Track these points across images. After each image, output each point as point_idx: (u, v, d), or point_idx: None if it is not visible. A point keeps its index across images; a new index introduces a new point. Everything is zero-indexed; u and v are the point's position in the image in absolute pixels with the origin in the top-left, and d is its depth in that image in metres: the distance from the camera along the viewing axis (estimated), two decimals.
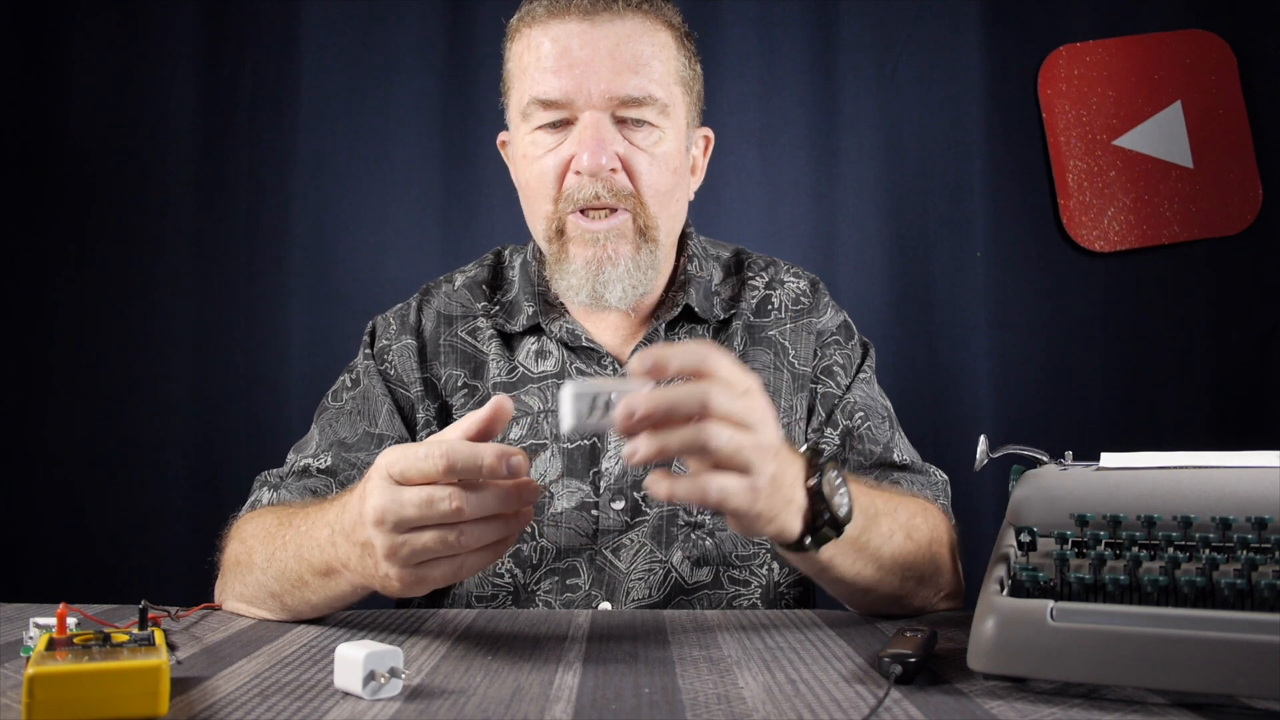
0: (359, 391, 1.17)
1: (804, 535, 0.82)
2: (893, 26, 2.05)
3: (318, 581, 0.88)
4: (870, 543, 0.89)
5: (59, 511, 1.97)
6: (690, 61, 1.13)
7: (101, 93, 2.00)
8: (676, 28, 1.11)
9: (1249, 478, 0.76)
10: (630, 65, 1.05)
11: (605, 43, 1.05)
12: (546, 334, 1.16)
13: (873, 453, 1.14)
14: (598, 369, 1.15)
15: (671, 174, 1.10)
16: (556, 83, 1.05)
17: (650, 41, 1.07)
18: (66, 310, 1.99)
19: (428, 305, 1.21)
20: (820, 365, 1.19)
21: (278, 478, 1.12)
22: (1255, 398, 2.02)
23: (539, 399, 1.15)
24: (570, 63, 1.05)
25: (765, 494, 0.76)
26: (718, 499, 0.74)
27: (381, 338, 1.20)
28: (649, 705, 0.67)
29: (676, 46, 1.10)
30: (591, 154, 1.04)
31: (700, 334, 1.18)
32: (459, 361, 1.17)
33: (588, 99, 1.05)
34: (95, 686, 0.62)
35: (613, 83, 1.04)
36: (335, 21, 2.02)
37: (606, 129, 1.05)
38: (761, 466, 0.75)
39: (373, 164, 2.02)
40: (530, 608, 1.11)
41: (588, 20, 1.05)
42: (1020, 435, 0.99)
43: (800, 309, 1.21)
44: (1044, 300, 2.05)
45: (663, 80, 1.07)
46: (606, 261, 1.07)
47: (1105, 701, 0.68)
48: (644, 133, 1.07)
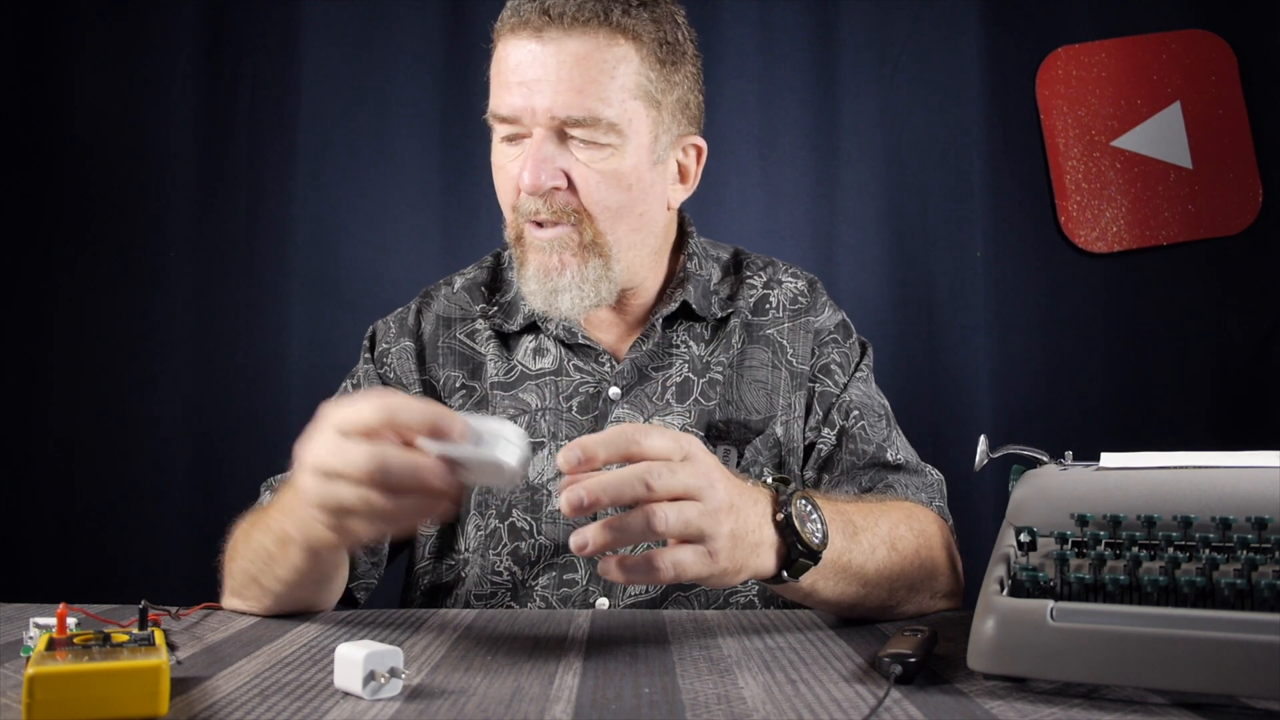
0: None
1: (781, 569, 0.83)
2: (893, 27, 2.05)
3: (279, 551, 0.90)
4: (852, 562, 0.89)
5: (59, 511, 1.97)
6: (662, 72, 1.08)
7: (102, 92, 2.00)
8: (645, 39, 1.06)
9: (1249, 478, 0.76)
10: (574, 85, 1.04)
11: (552, 61, 1.04)
12: (544, 331, 1.17)
13: (866, 452, 1.15)
14: (595, 366, 1.16)
15: (624, 190, 1.08)
16: (508, 99, 1.06)
17: (602, 59, 1.04)
18: (67, 309, 1.99)
19: (427, 308, 1.22)
20: (818, 364, 1.19)
21: (281, 482, 1.13)
22: (1255, 398, 2.02)
23: (537, 396, 1.16)
24: (520, 80, 1.05)
25: (725, 553, 0.77)
26: (673, 575, 0.76)
27: (381, 341, 1.21)
28: (649, 705, 0.67)
29: (640, 59, 1.06)
30: (531, 174, 1.05)
31: (698, 331, 1.18)
32: (457, 363, 1.18)
33: (533, 117, 1.05)
34: (95, 686, 0.62)
35: (555, 102, 1.04)
36: (335, 21, 2.01)
37: (548, 148, 1.05)
38: (715, 530, 0.76)
39: (373, 164, 2.02)
40: (529, 603, 1.11)
41: (537, 38, 1.04)
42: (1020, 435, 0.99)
43: (798, 308, 1.21)
44: (1044, 300, 2.05)
45: (613, 98, 1.05)
46: (554, 270, 1.09)
47: (1105, 701, 0.68)
48: (593, 151, 1.06)
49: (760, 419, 1.16)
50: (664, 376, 1.16)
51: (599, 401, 1.15)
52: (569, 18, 1.04)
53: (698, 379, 1.17)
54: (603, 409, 1.15)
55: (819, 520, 0.85)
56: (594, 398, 1.15)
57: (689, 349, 1.18)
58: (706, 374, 1.17)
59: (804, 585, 0.86)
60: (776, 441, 1.15)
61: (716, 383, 1.17)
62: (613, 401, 1.15)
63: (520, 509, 1.13)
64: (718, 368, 1.17)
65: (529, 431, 1.14)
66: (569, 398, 1.15)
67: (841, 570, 0.88)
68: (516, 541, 1.12)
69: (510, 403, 1.16)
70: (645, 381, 1.16)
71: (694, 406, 1.15)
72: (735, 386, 1.17)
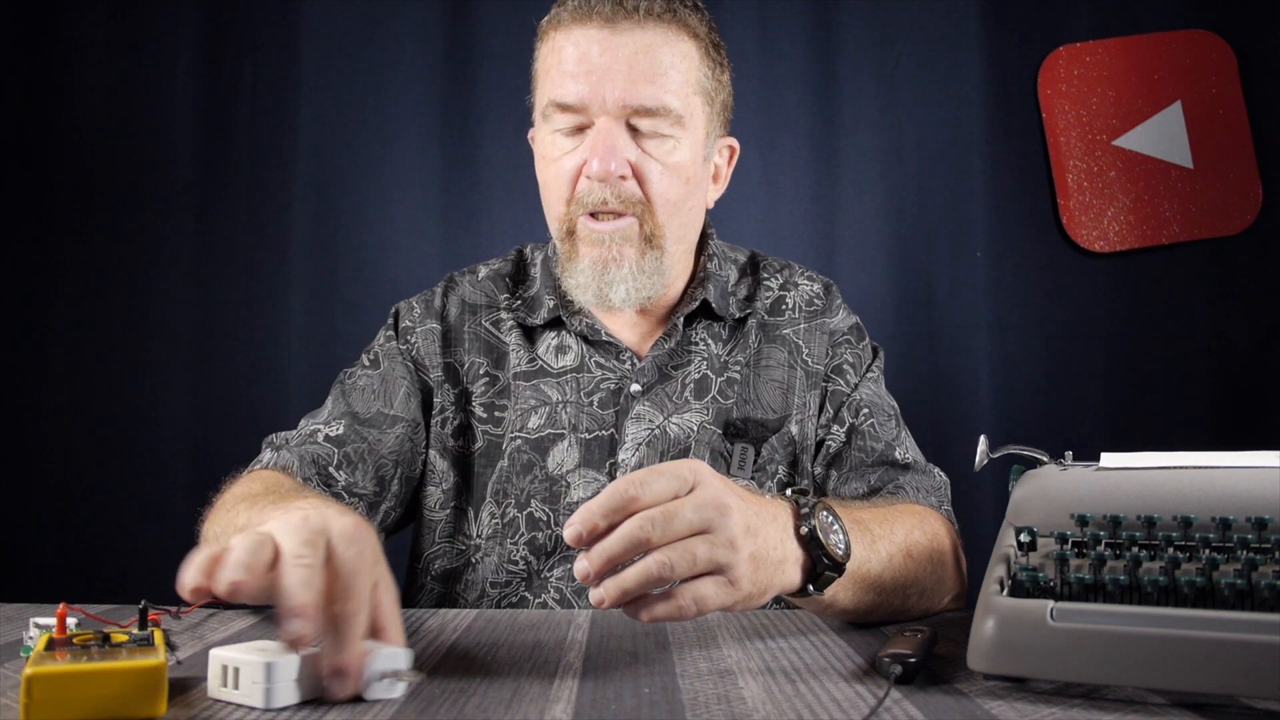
0: (378, 373, 1.19)
1: (806, 584, 0.82)
2: (893, 26, 2.05)
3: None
4: (870, 571, 0.89)
5: (59, 511, 1.96)
6: (715, 72, 1.13)
7: (102, 92, 2.00)
8: (702, 38, 1.11)
9: (1249, 478, 0.76)
10: (647, 75, 1.06)
11: (624, 50, 1.06)
12: (567, 328, 1.18)
13: (875, 450, 1.16)
14: (616, 363, 1.17)
15: (684, 183, 1.11)
16: (574, 88, 1.07)
17: (670, 51, 1.08)
18: (66, 309, 1.99)
19: (452, 292, 1.23)
20: (832, 364, 1.21)
21: (283, 440, 1.13)
22: (1255, 398, 2.01)
23: (558, 391, 1.17)
24: (589, 69, 1.06)
25: (748, 578, 0.75)
26: (697, 610, 0.74)
27: (405, 319, 1.22)
28: (649, 705, 0.67)
29: (700, 56, 1.11)
30: (601, 160, 1.06)
31: (716, 330, 1.20)
32: (481, 350, 1.20)
33: (603, 105, 1.06)
34: (93, 687, 0.62)
35: (628, 91, 1.06)
36: (335, 21, 2.02)
37: (619, 136, 1.07)
38: (732, 558, 0.74)
39: (373, 164, 2.02)
40: (543, 594, 1.12)
41: (609, 27, 1.06)
42: (1020, 435, 0.99)
43: (814, 310, 1.23)
44: (1044, 300, 2.05)
45: (680, 91, 1.08)
46: (611, 262, 1.09)
47: (1105, 701, 0.68)
48: (657, 142, 1.09)
49: (776, 418, 1.17)
50: (683, 374, 1.17)
51: (620, 398, 1.16)
52: (642, 10, 1.06)
53: (716, 377, 1.18)
54: (624, 405, 1.15)
55: (840, 531, 0.84)
56: (615, 394, 1.16)
57: (707, 348, 1.19)
58: (725, 373, 1.18)
59: (826, 597, 0.85)
60: (792, 440, 1.16)
61: (734, 381, 1.18)
62: (633, 398, 1.16)
63: (539, 499, 1.14)
64: (735, 367, 1.18)
65: (550, 423, 1.15)
66: (590, 393, 1.16)
67: (860, 580, 0.88)
68: (534, 532, 1.13)
69: (531, 393, 1.17)
70: (665, 380, 1.17)
71: (712, 404, 1.16)
72: (752, 385, 1.18)
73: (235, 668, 0.67)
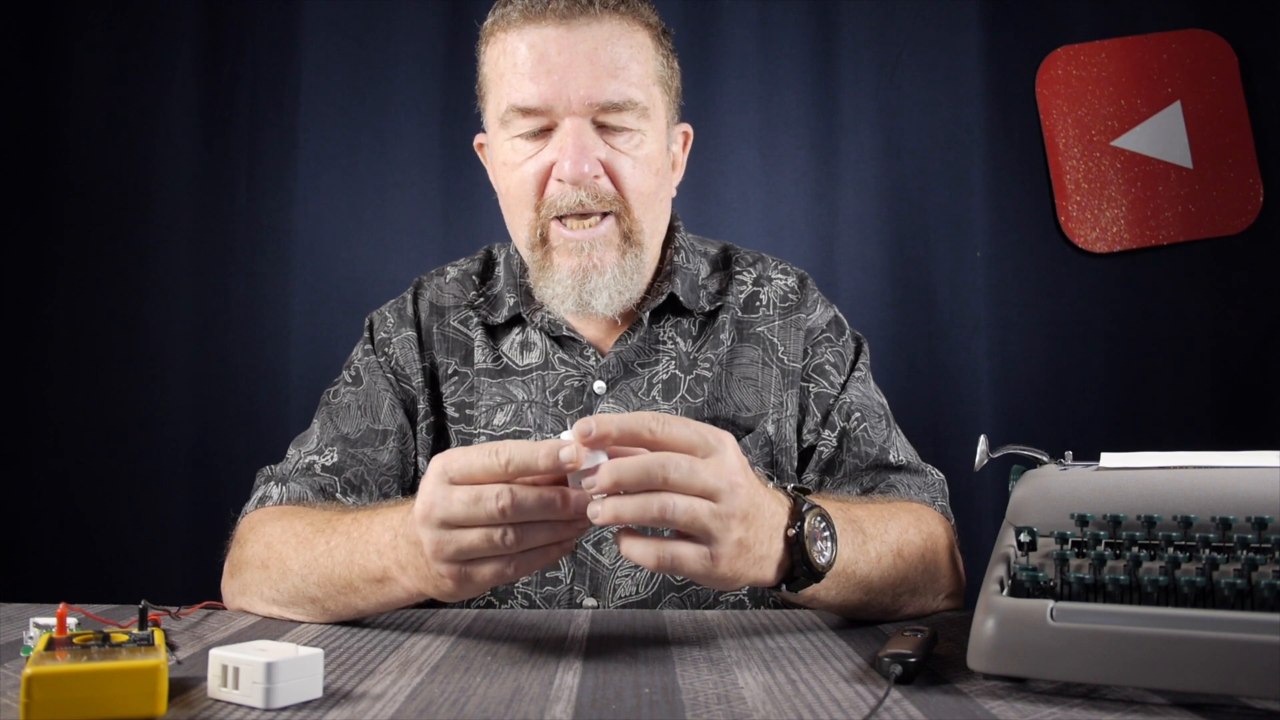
0: (360, 389, 1.17)
1: (781, 583, 0.83)
2: (893, 27, 2.05)
3: (369, 588, 0.87)
4: (858, 571, 0.89)
5: (59, 511, 1.96)
6: (668, 59, 1.11)
7: (102, 92, 2.00)
8: (653, 26, 1.09)
9: (1249, 478, 0.76)
10: (609, 70, 1.04)
11: (583, 47, 1.03)
12: (530, 324, 1.17)
13: (869, 454, 1.14)
14: (580, 360, 1.15)
15: (655, 175, 1.09)
16: (535, 89, 1.04)
17: (628, 43, 1.05)
18: (66, 309, 1.98)
19: (421, 297, 1.22)
20: (812, 364, 1.18)
21: (282, 473, 1.12)
22: (1255, 398, 2.01)
23: (523, 390, 1.15)
24: (548, 69, 1.03)
25: (728, 559, 0.76)
26: (670, 566, 0.75)
27: (380, 331, 1.21)
28: (649, 705, 0.67)
29: (654, 46, 1.09)
30: (574, 162, 1.03)
31: (685, 327, 1.18)
32: (450, 349, 1.19)
33: (567, 105, 1.04)
34: (93, 686, 0.62)
35: (593, 88, 1.03)
36: (335, 21, 2.02)
37: (588, 135, 1.04)
38: (723, 534, 0.75)
39: (373, 164, 2.02)
40: (509, 602, 1.11)
41: (564, 24, 1.03)
42: (1020, 435, 0.99)
43: (789, 305, 1.20)
44: (1044, 300, 2.05)
45: (642, 82, 1.06)
46: (593, 270, 1.07)
47: (1105, 701, 0.68)
48: (625, 136, 1.06)
49: (750, 416, 1.15)
50: (650, 373, 1.15)
51: (584, 396, 1.14)
52: (597, 4, 1.03)
53: (684, 376, 1.16)
54: (587, 403, 1.14)
55: (830, 538, 0.84)
56: (579, 392, 1.14)
57: (676, 345, 1.17)
58: (693, 370, 1.16)
59: (803, 596, 0.85)
60: (768, 440, 1.15)
61: (704, 379, 1.16)
62: (597, 396, 1.14)
63: None
64: (705, 364, 1.16)
65: (515, 421, 1.14)
66: (554, 392, 1.15)
67: (846, 578, 0.88)
68: None
69: (497, 391, 1.16)
70: (631, 376, 1.15)
71: (681, 404, 1.14)
72: (725, 384, 1.16)
73: (235, 668, 0.67)
